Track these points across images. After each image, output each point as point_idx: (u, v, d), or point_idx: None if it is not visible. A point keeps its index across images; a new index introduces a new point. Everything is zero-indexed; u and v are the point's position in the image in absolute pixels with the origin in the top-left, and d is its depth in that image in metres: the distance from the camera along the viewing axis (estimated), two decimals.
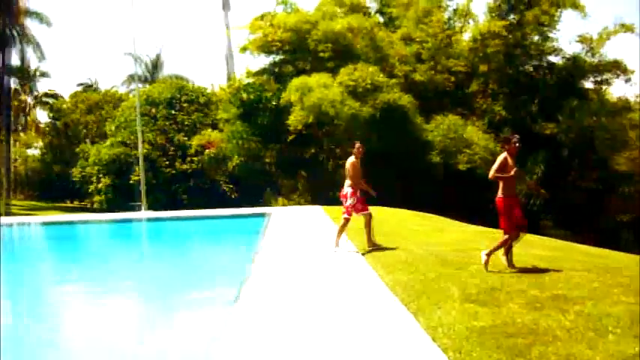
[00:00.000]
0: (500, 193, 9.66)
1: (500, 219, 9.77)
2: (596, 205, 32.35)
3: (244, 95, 30.66)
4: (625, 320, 6.72)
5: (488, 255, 9.68)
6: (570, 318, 6.82)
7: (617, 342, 5.96)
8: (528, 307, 7.25)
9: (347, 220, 11.96)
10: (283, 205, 29.73)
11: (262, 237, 14.37)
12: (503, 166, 9.57)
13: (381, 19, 35.33)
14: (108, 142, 36.39)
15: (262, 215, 20.57)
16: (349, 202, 11.95)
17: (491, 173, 9.63)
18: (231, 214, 23.24)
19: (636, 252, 28.08)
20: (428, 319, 6.69)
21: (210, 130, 34.70)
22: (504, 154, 9.70)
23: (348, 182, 12.09)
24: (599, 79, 32.09)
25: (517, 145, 9.74)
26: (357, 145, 12.32)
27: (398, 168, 27.61)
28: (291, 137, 28.82)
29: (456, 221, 19.68)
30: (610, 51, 55.94)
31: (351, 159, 12.06)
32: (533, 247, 12.88)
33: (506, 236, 9.69)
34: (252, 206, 27.39)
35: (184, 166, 34.15)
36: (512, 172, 9.51)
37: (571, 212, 30.36)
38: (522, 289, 8.20)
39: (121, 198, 33.65)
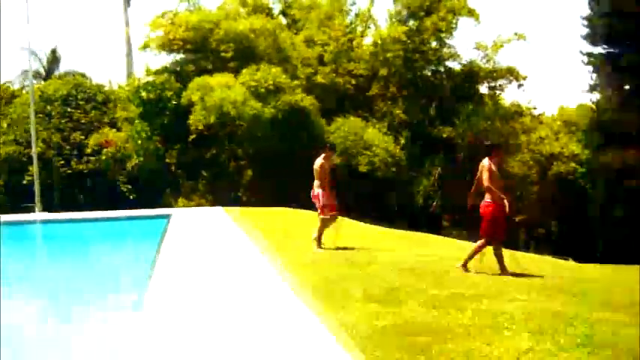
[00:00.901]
0: (489, 199, 9.78)
1: (483, 224, 9.90)
2: None
3: (144, 94, 30.08)
4: (519, 316, 7.01)
5: (464, 265, 9.88)
6: (468, 315, 7.04)
7: (512, 337, 6.21)
8: (428, 305, 7.43)
9: (324, 220, 12.27)
10: (184, 206, 29.34)
11: (163, 239, 14.07)
12: (492, 174, 9.74)
13: (284, 21, 35.46)
14: (0, 141, 34.96)
15: (163, 217, 20.15)
16: (322, 202, 12.28)
17: (487, 183, 9.75)
18: (131, 216, 22.66)
19: (533, 251, 29.17)
20: (331, 319, 6.74)
21: (108, 128, 33.81)
22: (489, 162, 9.87)
23: (317, 183, 12.49)
24: (493, 84, 33.27)
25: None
26: (328, 146, 13.23)
27: (300, 169, 27.67)
28: (192, 137, 28.46)
29: (359, 222, 19.92)
30: (504, 58, 58.08)
31: (320, 160, 12.36)
32: (438, 248, 13.27)
33: (481, 242, 9.87)
34: (152, 207, 26.91)
35: (81, 166, 33.09)
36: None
37: (467, 213, 31.28)
38: (422, 289, 8.41)
39: (14, 199, 32.36)
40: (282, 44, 30.76)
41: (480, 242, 9.98)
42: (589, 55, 40.33)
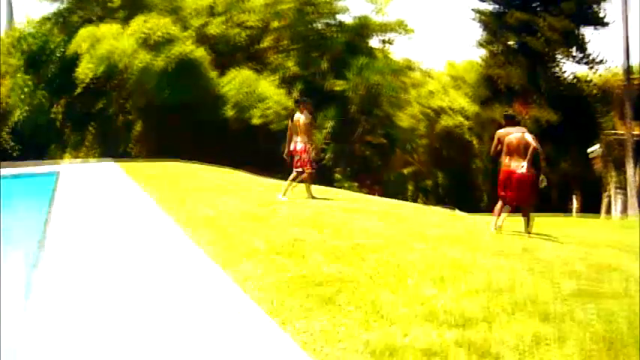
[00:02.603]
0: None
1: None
2: (382, 158, 34.22)
3: (26, 45, 28.84)
4: (420, 266, 7.22)
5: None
6: (371, 266, 7.19)
7: (415, 286, 6.41)
8: (331, 256, 7.53)
9: (310, 174, 13.17)
10: (70, 161, 28.48)
11: (54, 197, 13.39)
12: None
13: None
14: None
15: (52, 174, 19.22)
16: (306, 156, 12.98)
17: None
18: (16, 174, 21.56)
19: (420, 203, 29.91)
20: (237, 272, 6.74)
21: None
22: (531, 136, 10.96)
23: (301, 138, 12.98)
24: (384, 38, 33.68)
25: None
26: (308, 101, 13.50)
27: (192, 122, 27.37)
28: (78, 90, 27.48)
29: (254, 175, 19.89)
30: (394, 12, 58.88)
31: (304, 116, 12.69)
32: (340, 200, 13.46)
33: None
34: (37, 163, 26.02)
35: None
36: None
37: (359, 165, 31.85)
38: (324, 240, 8.50)
39: None
40: None
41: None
42: (477, 11, 41.44)
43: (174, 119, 27.32)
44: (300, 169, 13.00)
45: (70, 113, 29.90)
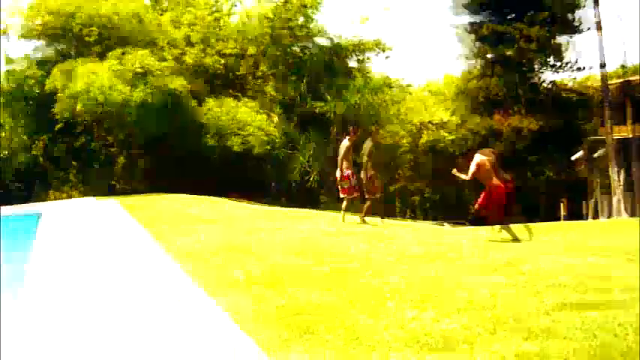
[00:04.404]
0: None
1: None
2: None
3: (4, 84, 28.74)
4: (400, 287, 7.25)
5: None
6: (351, 290, 7.18)
7: (396, 308, 6.41)
8: (312, 284, 7.53)
9: (349, 200, 13.65)
10: (55, 199, 28.29)
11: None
12: None
13: (148, 2, 34.52)
14: None
15: (33, 215, 18.86)
16: (352, 182, 13.48)
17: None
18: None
19: (409, 219, 29.78)
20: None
21: None
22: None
23: (346, 164, 13.43)
24: (361, 57, 33.77)
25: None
26: (351, 129, 13.82)
27: (175, 152, 27.39)
28: (58, 126, 27.41)
29: (241, 202, 19.87)
30: (370, 31, 59.29)
31: (346, 142, 12.85)
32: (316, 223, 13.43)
33: None
34: (22, 202, 25.93)
35: None
36: None
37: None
38: (304, 266, 8.48)
39: None
40: (147, 26, 29.97)
41: None
42: (453, 26, 41.85)
43: (157, 150, 27.30)
44: (344, 196, 13.35)
45: (51, 150, 29.74)
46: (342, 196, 13.65)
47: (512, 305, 6.41)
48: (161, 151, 27.39)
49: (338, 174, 13.53)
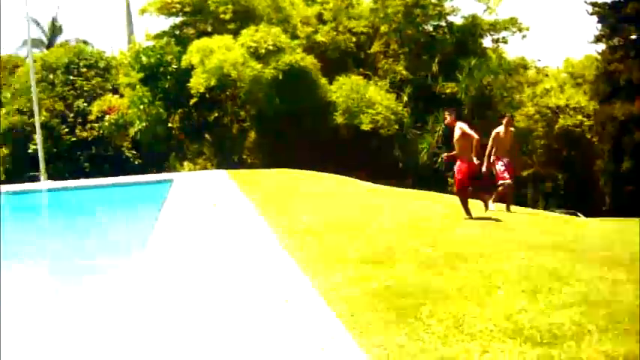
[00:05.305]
0: None
1: None
2: None
3: (144, 59, 29.91)
4: (513, 275, 6.91)
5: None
6: (461, 275, 6.96)
7: (505, 298, 6.14)
8: (422, 266, 7.35)
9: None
10: (189, 170, 29.39)
11: (164, 204, 14.05)
12: None
13: None
14: (4, 111, 34.90)
15: (166, 181, 20.08)
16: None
17: None
18: (134, 182, 22.70)
19: (541, 207, 28.75)
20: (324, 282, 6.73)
21: (111, 95, 33.76)
22: None
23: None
24: (496, 37, 32.81)
25: None
26: (507, 115, 13.62)
27: (303, 129, 27.69)
28: (194, 100, 28.36)
29: (364, 181, 19.77)
30: (506, 10, 57.24)
31: (501, 129, 12.65)
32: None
33: None
34: (158, 172, 27.03)
35: (85, 134, 33.13)
36: None
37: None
38: (416, 248, 8.32)
39: (20, 168, 32.49)
40: (281, 3, 30.42)
41: None
42: (593, 4, 39.71)
43: (287, 127, 27.69)
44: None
45: (186, 124, 30.78)
46: (499, 182, 12.98)
47: (631, 304, 5.91)
48: (291, 127, 27.75)
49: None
